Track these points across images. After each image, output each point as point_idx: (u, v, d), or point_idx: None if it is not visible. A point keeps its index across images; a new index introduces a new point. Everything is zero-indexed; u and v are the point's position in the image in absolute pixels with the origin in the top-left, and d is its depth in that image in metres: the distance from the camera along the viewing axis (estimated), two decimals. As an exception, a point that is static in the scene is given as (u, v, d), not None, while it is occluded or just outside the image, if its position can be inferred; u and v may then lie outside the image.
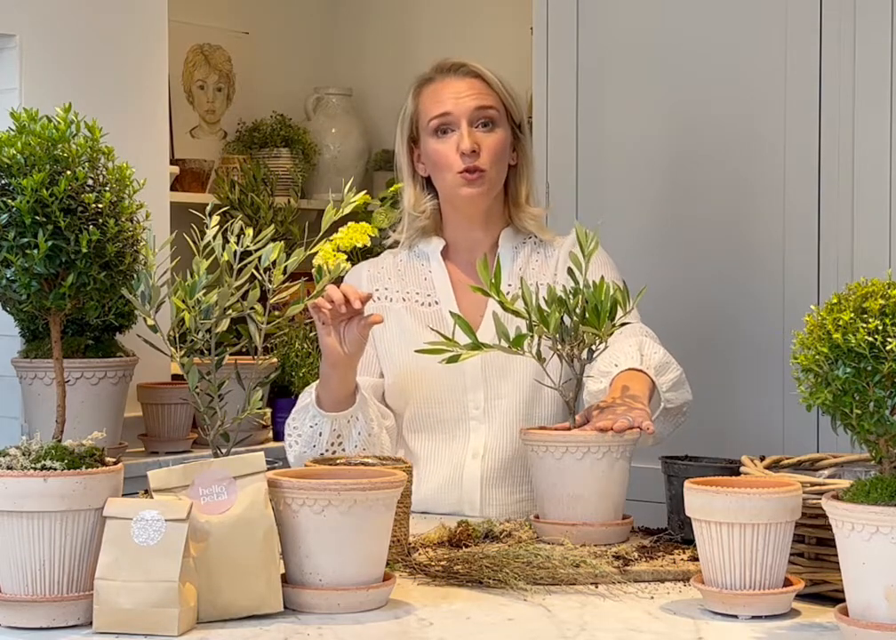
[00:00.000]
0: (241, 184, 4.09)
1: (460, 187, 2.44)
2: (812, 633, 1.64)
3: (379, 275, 2.55)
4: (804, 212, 2.93)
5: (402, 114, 2.52)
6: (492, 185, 2.46)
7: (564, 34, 3.26)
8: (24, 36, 3.07)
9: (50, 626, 1.64)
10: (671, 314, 3.03)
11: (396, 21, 4.59)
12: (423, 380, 2.44)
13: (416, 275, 2.53)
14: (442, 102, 2.44)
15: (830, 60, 2.89)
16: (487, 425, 2.44)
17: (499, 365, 2.42)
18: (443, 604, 1.76)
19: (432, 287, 2.51)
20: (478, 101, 2.44)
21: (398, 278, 2.53)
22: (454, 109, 2.43)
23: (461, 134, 2.42)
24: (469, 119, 2.43)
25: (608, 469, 2.04)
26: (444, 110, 2.43)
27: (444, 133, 2.44)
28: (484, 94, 2.45)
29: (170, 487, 1.70)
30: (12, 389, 2.99)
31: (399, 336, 2.48)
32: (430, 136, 2.45)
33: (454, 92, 2.45)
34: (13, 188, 1.74)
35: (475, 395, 2.44)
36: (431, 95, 2.47)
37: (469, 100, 2.44)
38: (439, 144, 2.44)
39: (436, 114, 2.44)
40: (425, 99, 2.47)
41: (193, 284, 1.77)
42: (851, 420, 1.54)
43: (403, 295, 2.52)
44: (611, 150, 3.20)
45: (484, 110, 2.44)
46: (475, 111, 2.43)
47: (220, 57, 4.41)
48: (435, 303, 2.50)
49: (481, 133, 2.44)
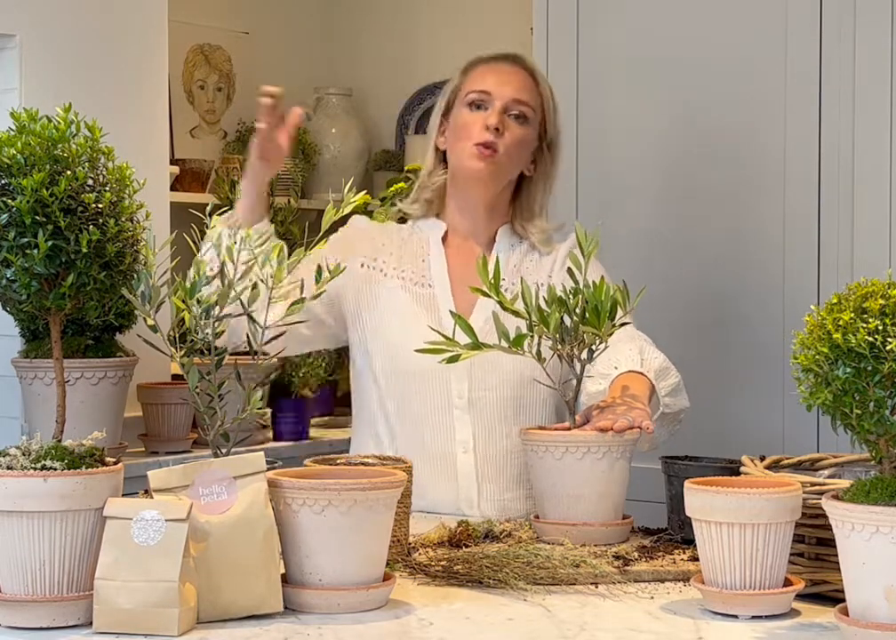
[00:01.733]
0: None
1: (471, 158, 2.45)
2: (811, 633, 1.64)
3: (383, 247, 2.54)
4: (804, 212, 2.93)
5: (445, 91, 2.56)
6: (500, 170, 2.46)
7: (564, 34, 3.26)
8: (24, 36, 3.07)
9: (50, 626, 1.64)
10: (671, 314, 3.03)
11: (395, 21, 4.59)
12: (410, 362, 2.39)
13: (414, 255, 2.53)
14: (485, 81, 2.48)
15: (830, 61, 2.89)
16: (472, 416, 2.43)
17: (487, 358, 2.39)
18: (443, 604, 1.76)
19: (428, 270, 2.51)
20: (519, 94, 2.47)
21: (397, 256, 2.53)
22: (494, 91, 2.47)
23: (492, 111, 2.45)
24: (505, 105, 2.46)
25: (608, 469, 2.04)
26: (484, 88, 2.47)
27: (477, 108, 2.47)
28: (527, 89, 2.49)
29: (170, 487, 1.70)
30: (12, 389, 2.99)
31: (391, 313, 2.48)
32: (463, 106, 2.49)
33: (501, 77, 2.48)
34: (13, 187, 1.74)
35: (459, 385, 2.44)
36: (479, 74, 2.51)
37: (511, 89, 2.47)
38: (469, 115, 2.48)
39: (477, 89, 2.48)
40: (472, 75, 2.51)
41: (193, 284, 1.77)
42: (851, 419, 1.54)
43: (399, 273, 2.51)
44: (611, 150, 3.21)
45: (521, 104, 2.47)
46: (512, 101, 2.47)
47: (219, 57, 4.41)
48: (429, 286, 2.50)
49: (511, 122, 2.46)
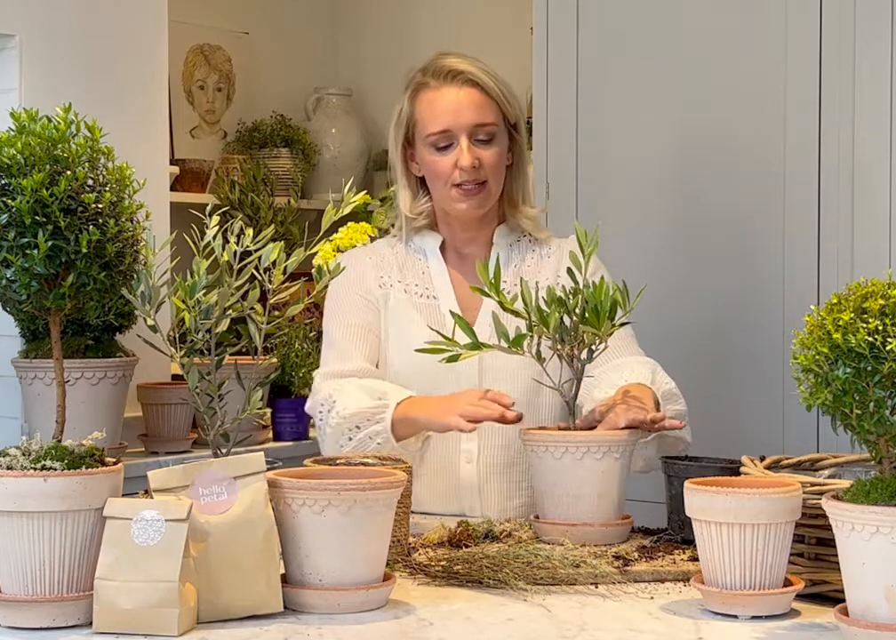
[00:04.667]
0: (241, 184, 4.09)
1: (456, 201, 2.43)
2: (812, 633, 1.64)
3: (382, 262, 2.53)
4: (804, 212, 2.93)
5: (397, 116, 2.49)
6: (491, 196, 2.46)
7: (564, 34, 3.26)
8: (24, 36, 3.07)
9: (50, 626, 1.64)
10: (671, 314, 3.03)
11: (395, 21, 4.59)
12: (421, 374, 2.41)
13: (414, 268, 2.52)
14: (440, 117, 2.41)
15: (830, 60, 2.89)
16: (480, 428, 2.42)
17: (496, 368, 2.40)
18: (443, 604, 1.76)
19: (430, 282, 2.50)
20: (478, 117, 2.41)
21: (398, 268, 2.52)
22: (453, 126, 2.41)
23: (461, 149, 2.40)
24: (469, 134, 2.41)
25: (608, 469, 2.04)
26: (443, 127, 2.41)
27: (443, 148, 2.42)
28: (483, 108, 2.42)
29: (170, 487, 1.70)
30: (12, 389, 2.99)
31: (398, 328, 2.47)
32: (427, 148, 2.43)
33: (453, 106, 2.41)
34: (13, 188, 1.74)
35: None
36: (429, 106, 2.43)
37: (469, 115, 2.41)
38: (437, 157, 2.43)
39: (436, 130, 2.41)
40: (422, 107, 2.44)
41: (193, 284, 1.77)
42: (851, 420, 1.54)
43: (404, 286, 2.50)
44: (611, 150, 3.21)
45: (483, 126, 2.41)
46: (474, 127, 2.41)
47: (220, 57, 4.41)
48: (433, 298, 2.49)
49: (480, 148, 2.42)
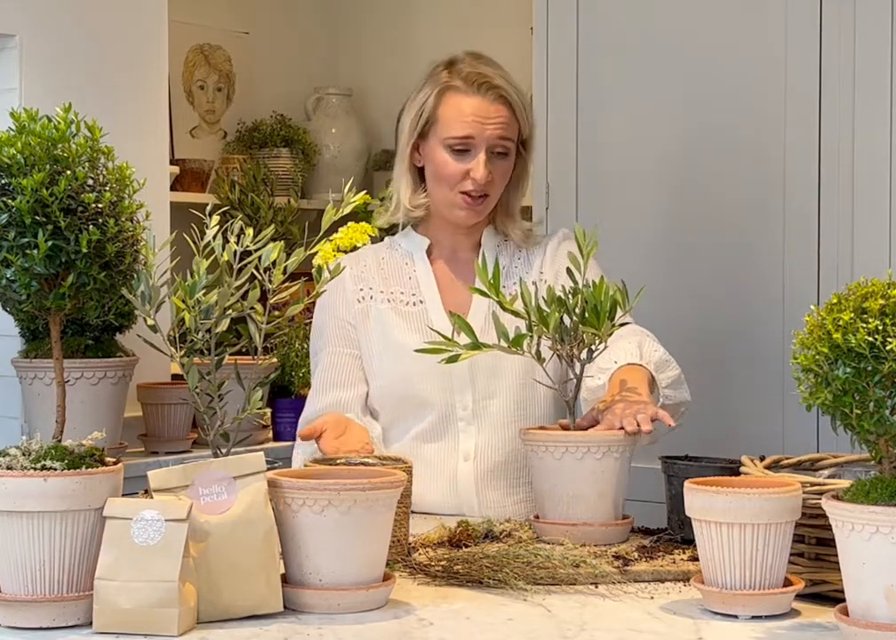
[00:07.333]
0: (241, 184, 4.09)
1: (459, 208, 2.44)
2: (812, 633, 1.64)
3: (362, 274, 2.52)
4: (804, 213, 2.93)
5: (419, 106, 2.46)
6: (489, 206, 2.47)
7: (564, 34, 3.26)
8: (24, 36, 3.07)
9: (50, 626, 1.64)
10: (671, 314, 3.03)
11: (396, 21, 4.58)
12: (409, 382, 2.43)
13: (400, 274, 2.52)
14: (466, 124, 2.41)
15: (830, 60, 2.89)
16: (476, 426, 2.43)
17: (488, 366, 2.39)
18: (443, 604, 1.76)
19: (417, 286, 2.50)
20: (502, 132, 2.42)
21: (381, 278, 2.51)
22: (477, 136, 2.40)
23: (479, 161, 2.40)
24: (489, 146, 2.41)
25: (608, 469, 2.04)
26: (467, 133, 2.40)
27: (459, 153, 2.42)
28: (508, 125, 2.43)
29: (170, 487, 1.70)
30: (12, 389, 2.99)
31: (384, 338, 2.46)
32: (444, 148, 2.43)
33: (481, 116, 2.41)
34: (13, 188, 1.74)
35: (462, 396, 2.43)
36: (456, 108, 2.42)
37: (494, 129, 2.41)
38: (451, 159, 2.42)
39: (459, 135, 2.41)
40: (448, 108, 2.43)
41: (193, 284, 1.77)
42: (851, 420, 1.54)
43: (387, 296, 2.49)
44: (611, 150, 3.21)
45: (503, 140, 2.42)
46: (496, 140, 2.41)
47: (219, 57, 4.41)
48: (420, 302, 2.48)
49: (495, 159, 2.42)
